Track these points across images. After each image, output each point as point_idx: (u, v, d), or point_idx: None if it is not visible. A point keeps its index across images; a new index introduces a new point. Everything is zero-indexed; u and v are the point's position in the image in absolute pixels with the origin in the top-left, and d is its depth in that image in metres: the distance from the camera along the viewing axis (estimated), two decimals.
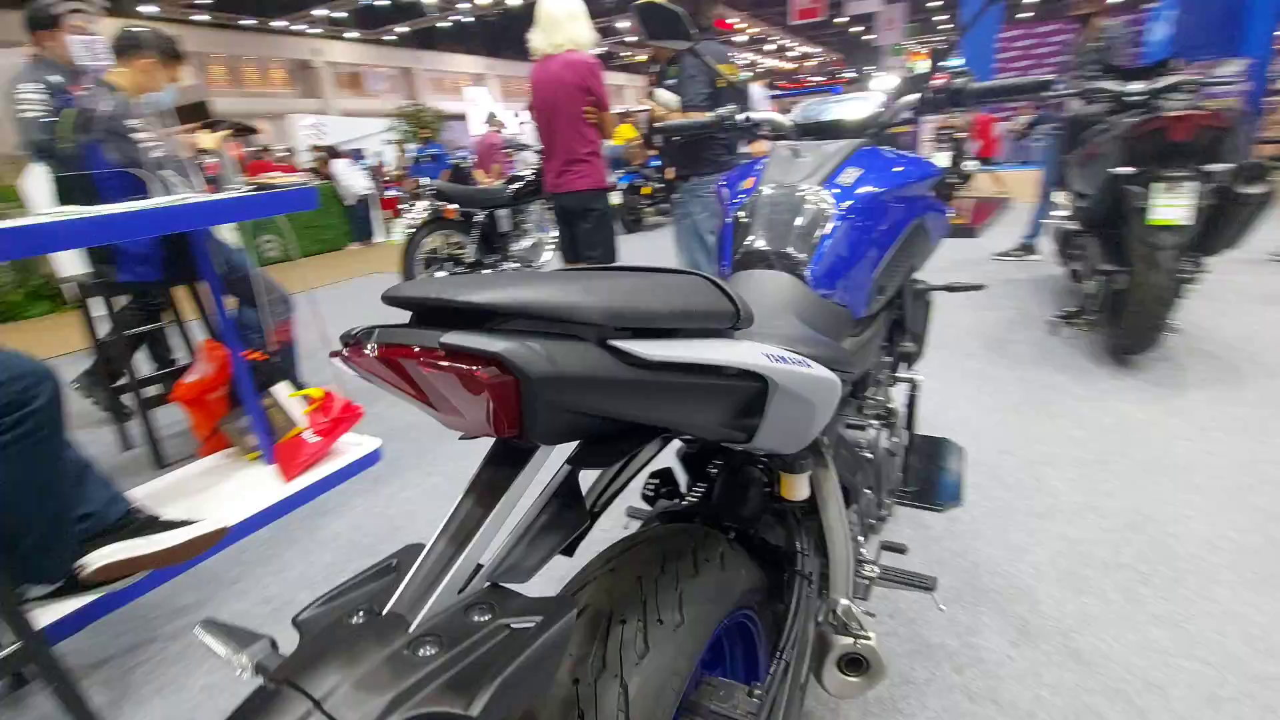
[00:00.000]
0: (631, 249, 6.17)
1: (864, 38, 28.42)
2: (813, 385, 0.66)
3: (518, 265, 4.54)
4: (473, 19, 23.91)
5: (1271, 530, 1.60)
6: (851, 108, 1.35)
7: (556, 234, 4.96)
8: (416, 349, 0.46)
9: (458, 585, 0.52)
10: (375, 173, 10.10)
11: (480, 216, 4.29)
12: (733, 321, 0.60)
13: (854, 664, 0.92)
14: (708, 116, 1.50)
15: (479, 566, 0.54)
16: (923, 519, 1.74)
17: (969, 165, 7.25)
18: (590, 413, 0.51)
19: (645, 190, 7.52)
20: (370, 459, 2.42)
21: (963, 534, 1.69)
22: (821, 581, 0.95)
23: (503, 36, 27.30)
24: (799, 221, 1.04)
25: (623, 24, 22.87)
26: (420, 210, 4.01)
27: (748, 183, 1.22)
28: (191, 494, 2.19)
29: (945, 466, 1.55)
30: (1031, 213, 4.61)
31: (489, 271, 1.11)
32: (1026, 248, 4.69)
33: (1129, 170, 2.45)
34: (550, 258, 4.88)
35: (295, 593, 1.72)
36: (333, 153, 8.85)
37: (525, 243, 4.62)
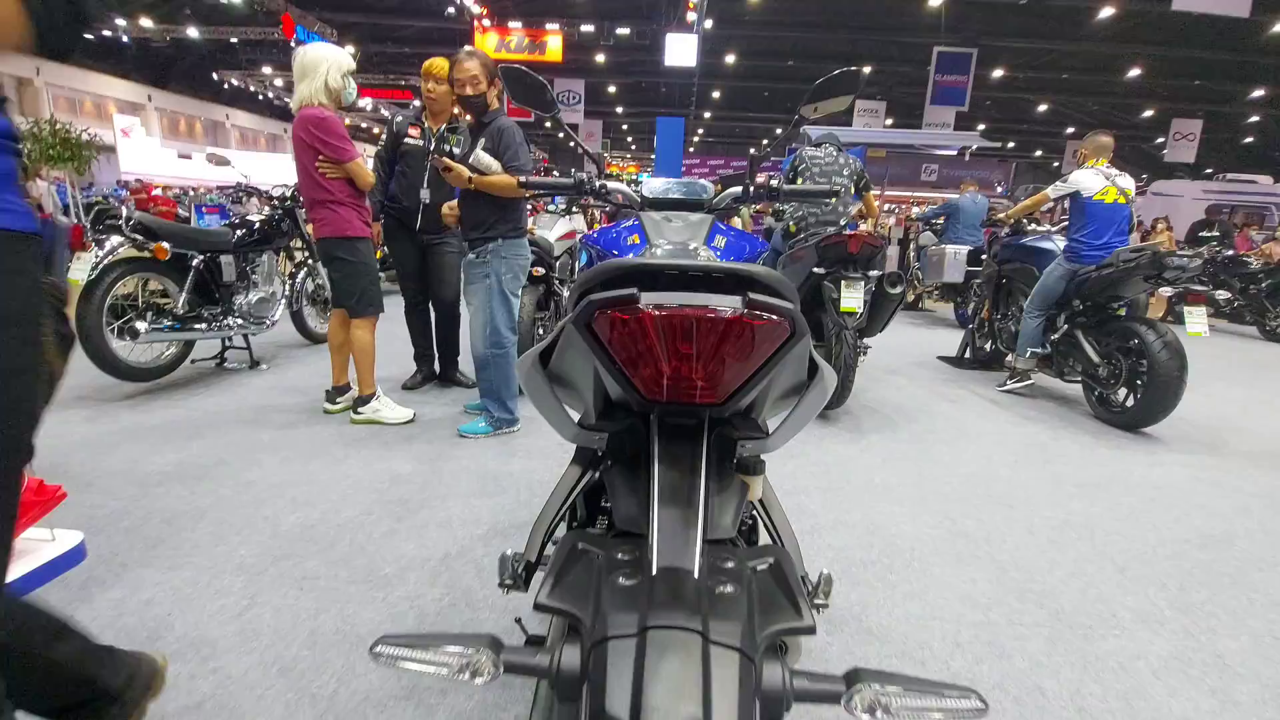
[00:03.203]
0: None
1: (570, 144, 31.69)
2: (830, 380, 0.82)
3: (242, 321, 3.87)
4: (126, 38, 19.99)
5: (947, 525, 2.26)
6: (689, 190, 1.63)
7: (289, 288, 4.45)
8: (724, 308, 0.49)
9: (700, 543, 0.53)
10: None
11: (198, 261, 3.59)
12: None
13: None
14: (568, 180, 1.63)
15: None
16: None
17: None
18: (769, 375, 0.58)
19: None
20: (71, 558, 1.80)
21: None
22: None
23: (169, 66, 23.40)
24: None
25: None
26: (115, 245, 3.17)
27: (634, 239, 1.37)
28: None
29: None
30: None
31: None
32: None
33: (823, 271, 3.28)
34: (281, 315, 4.27)
35: None
36: None
37: (252, 296, 3.97)
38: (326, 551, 1.92)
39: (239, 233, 3.90)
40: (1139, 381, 3.38)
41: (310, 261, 4.57)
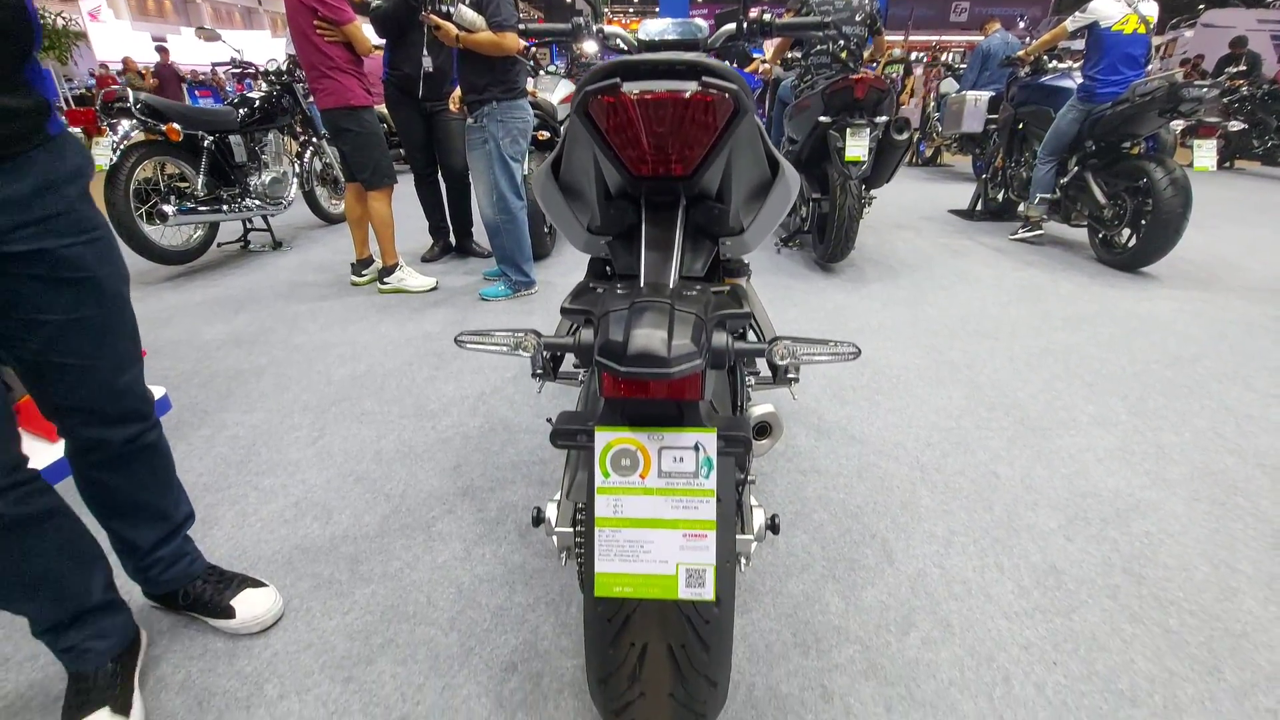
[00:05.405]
0: None
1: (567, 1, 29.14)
2: (792, 178, 0.96)
3: (260, 202, 3.98)
4: None
5: (934, 355, 2.46)
6: (685, 30, 1.66)
7: (298, 168, 4.49)
8: (685, 90, 0.64)
9: (675, 271, 0.72)
10: None
11: (209, 142, 3.64)
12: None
13: (762, 430, 1.29)
14: (565, 25, 1.67)
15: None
16: None
17: None
18: (725, 149, 0.73)
19: None
20: (158, 408, 2.08)
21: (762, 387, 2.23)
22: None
23: None
24: None
25: None
26: (128, 129, 3.23)
27: None
28: None
29: None
30: None
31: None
32: None
33: (829, 120, 3.26)
34: (295, 196, 4.36)
35: None
36: None
37: (265, 177, 4.04)
38: (377, 394, 2.19)
39: (241, 112, 3.90)
40: (1143, 221, 3.42)
41: (315, 140, 4.57)
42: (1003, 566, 1.40)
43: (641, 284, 0.72)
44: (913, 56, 11.83)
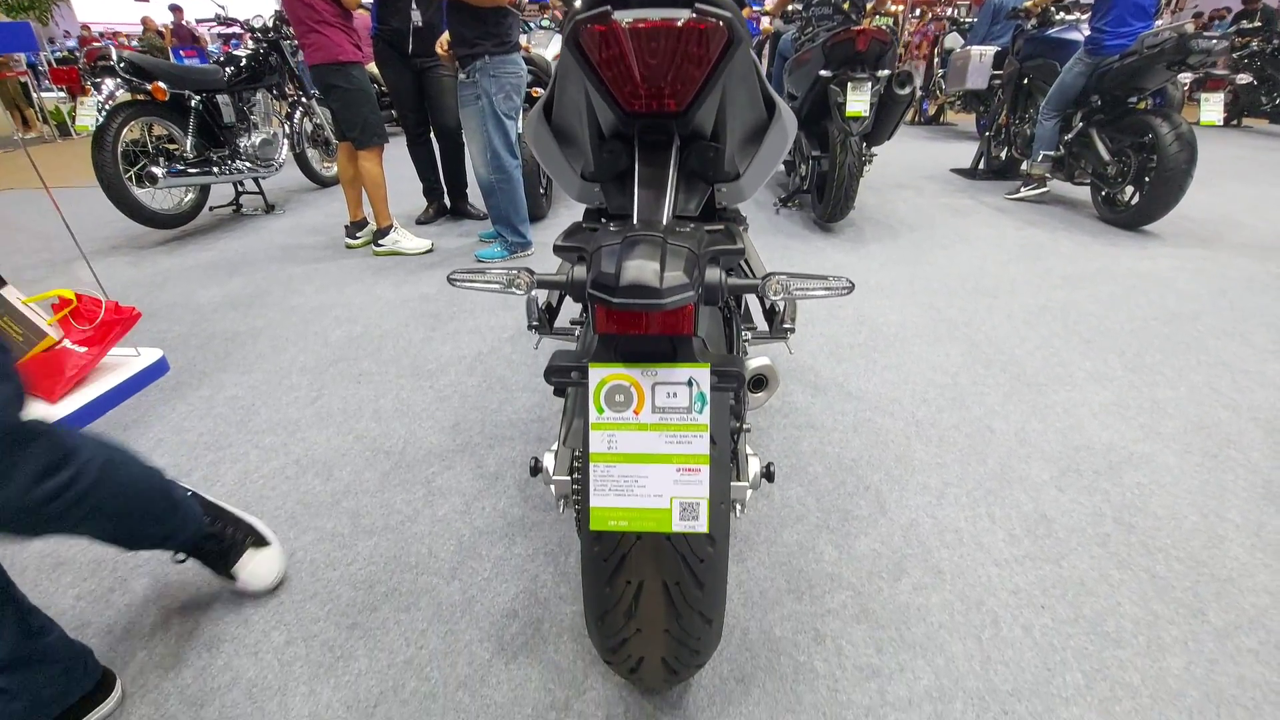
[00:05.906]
0: None
1: None
2: (789, 119, 0.94)
3: (250, 164, 3.91)
4: None
5: (932, 314, 2.45)
6: None
7: (289, 129, 4.40)
8: (678, 18, 0.62)
9: (668, 209, 0.71)
10: None
11: (196, 102, 3.56)
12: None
13: (759, 383, 1.29)
14: None
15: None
16: None
17: None
18: (719, 83, 0.72)
19: None
20: (157, 370, 2.08)
21: (758, 341, 2.23)
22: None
23: None
24: None
25: None
26: (114, 88, 3.15)
27: None
28: None
29: None
30: None
31: None
32: None
33: (829, 74, 3.18)
34: (286, 158, 4.29)
35: None
36: None
37: (255, 138, 3.96)
38: (375, 355, 2.19)
39: (228, 70, 3.80)
40: (1146, 178, 3.37)
41: (305, 100, 4.47)
42: (994, 516, 1.42)
43: (634, 218, 0.72)
44: (917, 13, 11.49)
